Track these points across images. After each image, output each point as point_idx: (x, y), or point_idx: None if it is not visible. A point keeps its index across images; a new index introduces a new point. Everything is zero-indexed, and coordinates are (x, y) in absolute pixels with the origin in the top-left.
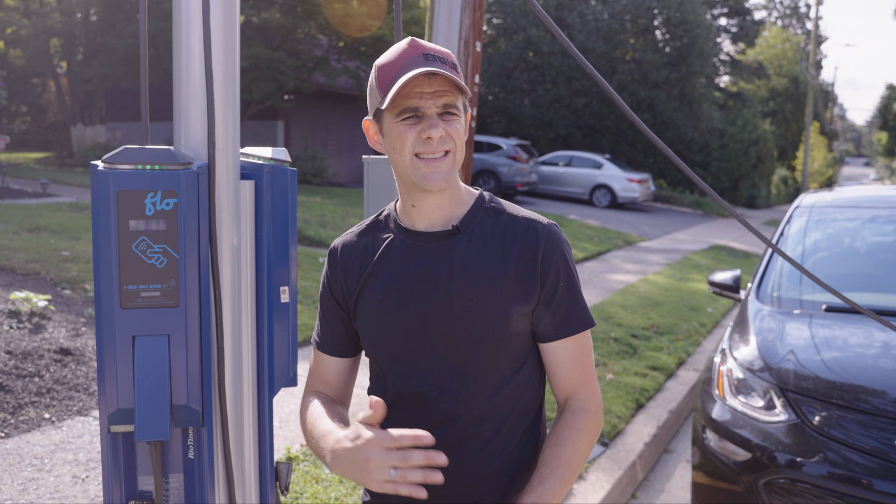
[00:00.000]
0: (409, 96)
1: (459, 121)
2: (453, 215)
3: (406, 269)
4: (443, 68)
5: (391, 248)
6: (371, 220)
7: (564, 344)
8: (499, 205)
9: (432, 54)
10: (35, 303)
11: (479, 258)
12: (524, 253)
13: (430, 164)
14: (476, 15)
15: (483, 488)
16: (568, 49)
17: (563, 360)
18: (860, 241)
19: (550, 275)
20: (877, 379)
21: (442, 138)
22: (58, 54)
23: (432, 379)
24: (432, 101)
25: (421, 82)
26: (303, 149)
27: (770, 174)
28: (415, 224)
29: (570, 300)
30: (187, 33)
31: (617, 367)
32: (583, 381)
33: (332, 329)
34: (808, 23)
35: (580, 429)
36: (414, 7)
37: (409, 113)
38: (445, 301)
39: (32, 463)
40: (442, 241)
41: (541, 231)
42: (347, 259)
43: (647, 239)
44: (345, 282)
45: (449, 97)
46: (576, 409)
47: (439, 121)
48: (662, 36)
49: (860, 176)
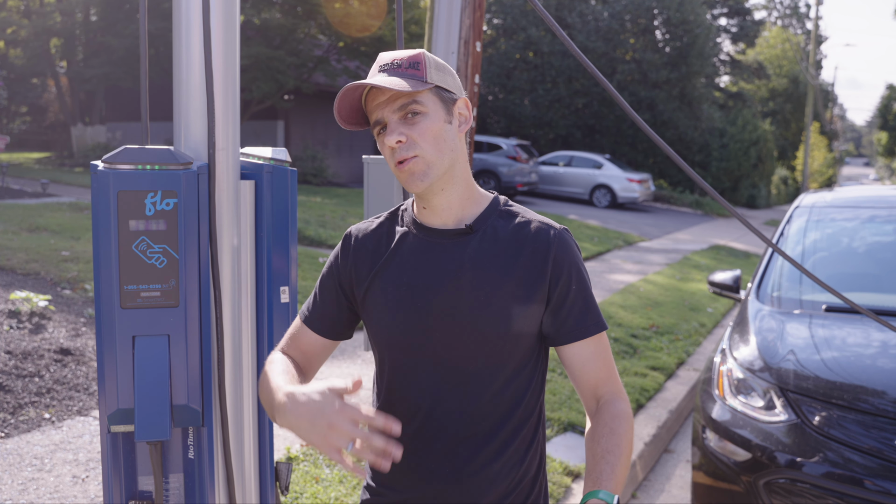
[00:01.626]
0: (372, 111)
1: (425, 118)
2: (466, 215)
3: (417, 263)
4: (395, 73)
5: (405, 241)
6: (389, 212)
7: (584, 346)
8: (513, 208)
9: (388, 63)
10: (35, 303)
11: (489, 258)
12: (535, 255)
13: (402, 170)
14: (476, 15)
15: (482, 488)
16: (569, 49)
17: (587, 360)
18: (860, 241)
19: (562, 278)
20: (877, 379)
21: (402, 143)
22: (58, 54)
23: (435, 375)
24: (389, 108)
25: (376, 94)
26: (303, 149)
27: (770, 174)
28: (430, 221)
29: (583, 303)
30: (187, 33)
31: (617, 366)
32: (609, 377)
33: (325, 309)
34: (808, 23)
35: (627, 417)
36: (414, 7)
37: (378, 126)
38: (453, 297)
39: (32, 463)
40: (454, 238)
41: (553, 235)
42: (362, 246)
43: (647, 239)
44: (356, 269)
45: (403, 98)
46: (614, 401)
47: (398, 125)
48: (662, 36)
49: (860, 176)
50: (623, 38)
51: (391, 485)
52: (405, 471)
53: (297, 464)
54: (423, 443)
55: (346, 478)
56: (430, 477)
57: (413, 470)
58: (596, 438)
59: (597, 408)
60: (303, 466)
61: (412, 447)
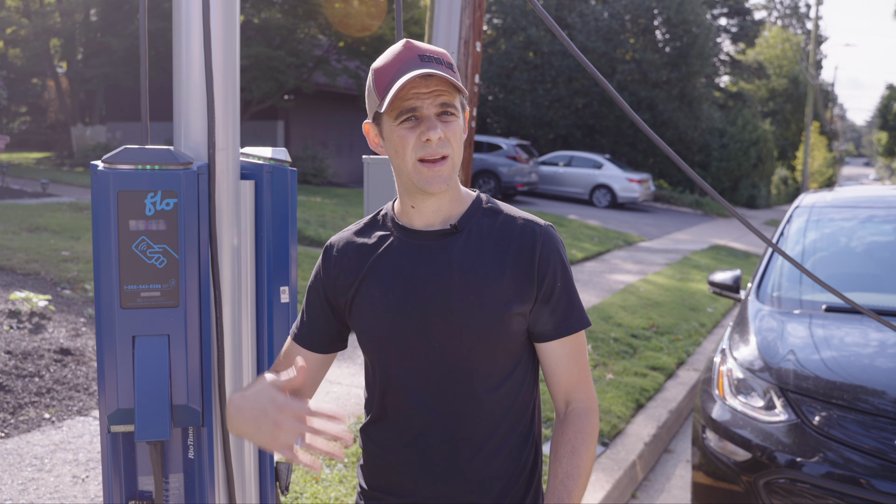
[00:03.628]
0: (407, 98)
1: (458, 121)
2: (452, 215)
3: (404, 267)
4: (438, 69)
5: (390, 246)
6: (368, 219)
7: (562, 343)
8: (496, 206)
9: (428, 55)
10: (35, 303)
11: (476, 257)
12: (521, 253)
13: (432, 169)
14: (476, 15)
15: (480, 488)
16: (569, 49)
17: (561, 360)
18: (860, 240)
19: (548, 275)
20: (877, 379)
21: (440, 140)
22: (58, 54)
23: (429, 377)
24: (430, 100)
25: (418, 83)
26: (303, 149)
27: (770, 174)
28: (413, 223)
29: (567, 300)
30: (187, 33)
31: (617, 367)
32: (581, 380)
33: (314, 323)
34: (808, 23)
35: (590, 432)
36: (414, 7)
37: (408, 114)
38: (444, 299)
39: (32, 463)
40: (440, 239)
41: (538, 232)
42: (344, 256)
43: (647, 239)
44: (339, 279)
45: (446, 96)
46: (581, 413)
47: (437, 122)
48: (662, 36)
49: (860, 176)
50: (623, 38)
51: (390, 488)
52: (405, 473)
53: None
54: (423, 445)
55: (346, 478)
56: (432, 478)
57: (413, 472)
58: (558, 456)
59: (565, 413)
60: (303, 466)
61: (411, 450)
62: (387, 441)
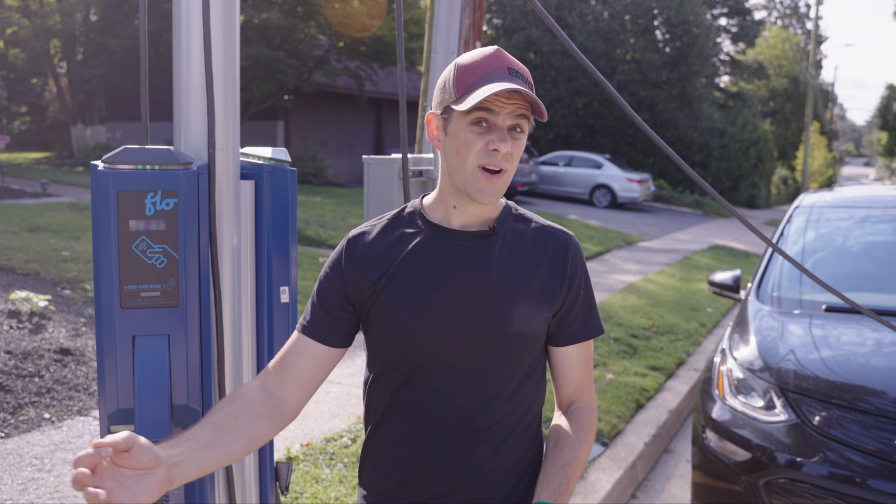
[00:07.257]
0: (491, 102)
1: (523, 141)
2: (489, 218)
3: (439, 265)
4: (524, 87)
5: (421, 244)
6: (392, 214)
7: (577, 348)
8: (524, 213)
9: (516, 70)
10: (35, 303)
11: (513, 260)
12: (555, 259)
13: (490, 180)
14: (476, 15)
15: (494, 485)
16: (569, 49)
17: (574, 364)
18: (860, 240)
19: (576, 282)
20: (877, 379)
21: (506, 154)
22: (58, 54)
23: (456, 375)
24: (508, 113)
25: (501, 94)
26: (303, 149)
27: (770, 174)
28: (450, 222)
29: (587, 308)
30: (187, 33)
31: (617, 367)
32: (588, 383)
33: (328, 317)
34: (808, 23)
35: (591, 430)
36: (414, 7)
37: (482, 118)
38: (482, 299)
39: (32, 463)
40: (477, 240)
41: (570, 240)
42: (370, 250)
43: (647, 239)
44: (364, 273)
45: (523, 115)
46: (585, 411)
47: (508, 136)
48: (662, 36)
49: (860, 176)
50: (623, 38)
51: (404, 489)
52: (426, 470)
53: (297, 464)
54: (444, 443)
55: (347, 478)
56: (451, 476)
57: (434, 469)
58: (559, 446)
59: (567, 410)
60: (303, 466)
61: (433, 447)
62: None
